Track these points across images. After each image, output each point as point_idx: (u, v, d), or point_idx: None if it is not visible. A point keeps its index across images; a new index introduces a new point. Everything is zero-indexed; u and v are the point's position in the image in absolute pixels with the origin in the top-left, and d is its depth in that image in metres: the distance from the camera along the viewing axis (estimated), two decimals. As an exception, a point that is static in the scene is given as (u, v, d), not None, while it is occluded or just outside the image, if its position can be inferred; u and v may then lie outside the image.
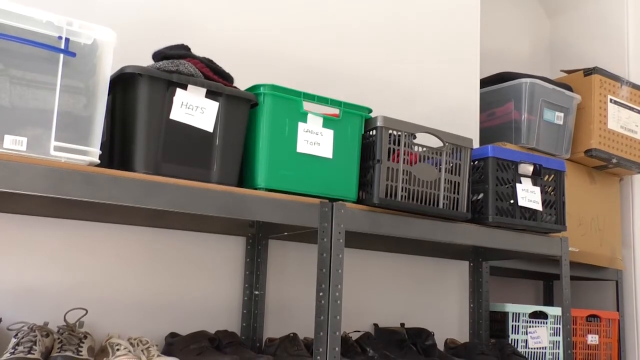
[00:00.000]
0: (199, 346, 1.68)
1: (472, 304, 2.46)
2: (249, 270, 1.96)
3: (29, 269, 1.65)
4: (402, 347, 2.00)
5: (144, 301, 1.81)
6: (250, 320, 1.94)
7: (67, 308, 1.65)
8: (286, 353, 1.75)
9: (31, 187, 1.25)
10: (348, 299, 2.15)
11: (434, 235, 1.81)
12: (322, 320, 1.56)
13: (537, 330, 2.49)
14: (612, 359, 2.74)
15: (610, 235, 2.80)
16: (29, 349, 1.37)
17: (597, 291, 3.04)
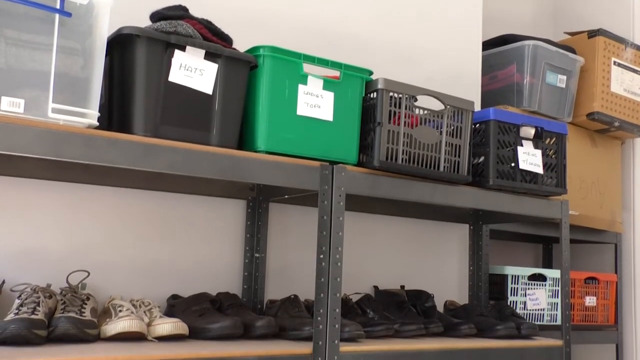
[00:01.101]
0: (200, 308, 1.70)
1: (471, 266, 2.48)
2: (250, 233, 1.97)
3: (29, 232, 1.66)
4: (402, 308, 2.02)
5: (145, 264, 1.82)
6: (251, 283, 1.95)
7: (69, 270, 1.66)
8: (287, 314, 1.77)
9: (29, 149, 1.25)
10: (348, 261, 2.17)
11: (434, 198, 1.81)
12: (322, 282, 1.57)
13: (536, 292, 2.51)
14: (609, 320, 2.77)
15: (610, 198, 2.80)
16: (32, 309, 1.39)
17: (595, 254, 3.06)
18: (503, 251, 2.97)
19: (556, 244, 3.16)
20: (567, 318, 2.04)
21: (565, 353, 2.00)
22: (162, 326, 1.54)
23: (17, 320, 1.32)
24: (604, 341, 2.77)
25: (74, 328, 1.39)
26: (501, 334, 1.98)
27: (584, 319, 2.69)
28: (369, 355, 1.63)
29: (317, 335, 1.56)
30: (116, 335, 1.47)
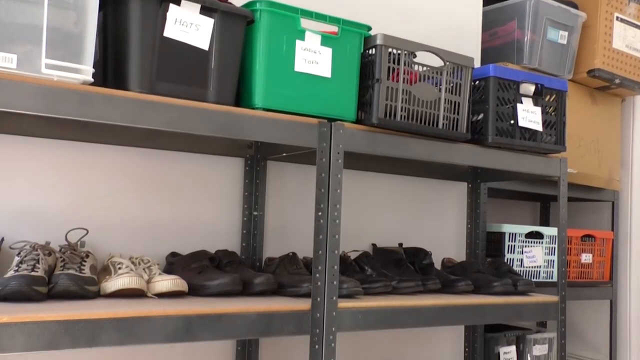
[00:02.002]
0: (199, 265, 1.71)
1: (469, 224, 2.49)
2: (248, 192, 1.97)
3: (27, 190, 1.65)
4: (399, 266, 2.04)
5: (144, 222, 1.82)
6: (250, 241, 1.96)
7: (67, 228, 1.66)
8: (286, 271, 1.79)
9: (24, 105, 1.23)
10: (347, 219, 2.17)
11: (433, 156, 1.81)
12: (320, 239, 1.58)
13: (533, 249, 2.53)
14: (604, 277, 2.80)
15: (608, 156, 2.80)
16: (32, 266, 1.39)
17: (592, 212, 3.07)
18: (501, 209, 2.98)
19: (554, 203, 3.17)
20: (563, 275, 2.06)
21: (561, 309, 2.03)
22: (162, 283, 1.55)
23: (17, 277, 1.32)
24: (598, 297, 2.81)
25: (74, 285, 1.40)
26: (498, 290, 2.00)
27: (579, 276, 2.72)
28: (367, 312, 1.65)
29: (315, 291, 1.57)
30: (116, 292, 1.48)
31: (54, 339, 1.22)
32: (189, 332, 1.38)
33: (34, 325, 1.20)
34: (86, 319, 1.26)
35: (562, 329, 2.03)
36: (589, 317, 3.03)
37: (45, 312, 1.23)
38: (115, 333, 1.29)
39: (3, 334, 1.17)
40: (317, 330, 1.55)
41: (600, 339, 2.95)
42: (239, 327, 1.44)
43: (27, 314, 1.20)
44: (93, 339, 1.26)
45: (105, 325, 1.28)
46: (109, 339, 1.28)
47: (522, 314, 1.96)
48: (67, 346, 1.23)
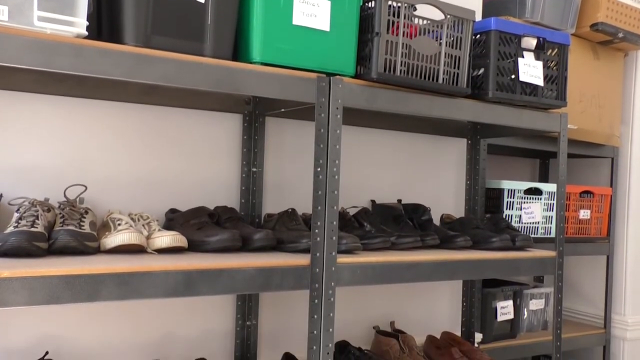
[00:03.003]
0: (199, 221, 1.71)
1: (468, 180, 2.49)
2: (247, 148, 1.96)
3: (24, 146, 1.64)
4: (398, 222, 2.04)
5: (142, 178, 1.82)
6: (249, 197, 1.96)
7: (65, 185, 1.65)
8: (285, 227, 1.79)
9: (17, 59, 1.21)
10: (346, 175, 2.17)
11: (433, 111, 1.79)
12: (319, 195, 1.58)
13: (532, 206, 2.54)
14: (602, 233, 2.82)
15: (609, 112, 2.78)
16: (31, 222, 1.39)
17: (592, 169, 3.07)
18: (500, 166, 2.98)
19: (553, 159, 3.16)
20: (561, 230, 2.07)
21: (558, 264, 2.04)
22: (161, 239, 1.55)
23: (17, 232, 1.32)
24: (595, 253, 2.83)
25: (74, 240, 1.40)
26: (496, 245, 2.01)
27: (577, 232, 2.73)
28: (366, 267, 1.66)
29: (314, 247, 1.57)
30: (116, 247, 1.49)
31: (55, 294, 1.23)
32: (189, 287, 1.39)
33: (35, 280, 1.21)
34: (87, 274, 1.27)
35: (559, 283, 2.05)
36: (586, 273, 3.07)
37: (46, 267, 1.24)
38: (116, 288, 1.29)
39: (5, 289, 1.18)
40: (317, 285, 1.57)
41: (596, 293, 2.99)
42: (239, 282, 1.45)
43: (28, 269, 1.21)
44: (94, 294, 1.27)
45: (105, 280, 1.28)
46: (109, 293, 1.29)
47: (519, 269, 1.98)
48: (68, 300, 1.24)
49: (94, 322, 1.75)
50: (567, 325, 2.88)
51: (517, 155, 3.06)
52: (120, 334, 1.79)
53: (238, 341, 1.96)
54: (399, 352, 2.08)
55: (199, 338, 1.92)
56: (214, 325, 1.95)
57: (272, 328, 2.05)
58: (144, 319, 1.83)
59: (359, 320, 2.26)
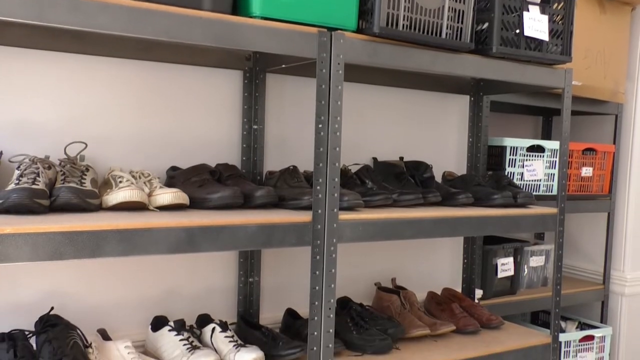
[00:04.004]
0: (200, 179, 1.71)
1: (470, 138, 2.48)
2: (247, 105, 1.94)
3: (22, 103, 1.63)
4: (400, 179, 2.04)
5: (142, 136, 1.81)
6: (250, 154, 1.95)
7: (65, 142, 1.64)
8: (286, 185, 1.79)
9: (11, 12, 1.18)
10: (347, 133, 2.16)
11: (435, 67, 1.77)
12: (321, 151, 1.57)
13: (534, 163, 2.53)
14: (604, 190, 2.82)
15: (615, 68, 2.74)
16: (32, 180, 1.39)
17: (595, 126, 3.05)
18: (502, 124, 2.96)
19: (556, 117, 3.14)
20: (563, 187, 2.07)
21: (559, 220, 2.05)
22: (163, 196, 1.55)
23: (19, 189, 1.32)
24: (596, 210, 2.83)
25: (75, 197, 1.40)
26: (498, 202, 2.01)
27: (579, 189, 2.73)
28: (367, 223, 1.66)
29: (316, 204, 1.58)
30: (117, 204, 1.49)
31: (58, 250, 1.23)
32: (191, 244, 1.39)
33: (38, 236, 1.21)
34: (89, 230, 1.27)
35: (559, 240, 2.06)
36: (586, 230, 3.08)
37: (48, 223, 1.24)
38: (118, 244, 1.30)
39: (8, 244, 1.18)
40: (318, 241, 1.57)
41: (596, 250, 3.01)
42: (241, 239, 1.46)
43: (31, 226, 1.21)
44: (97, 250, 1.28)
45: (108, 237, 1.29)
46: (112, 249, 1.29)
47: (521, 226, 1.98)
48: (72, 256, 1.25)
49: (98, 279, 1.77)
50: (567, 282, 2.90)
51: (520, 112, 3.03)
52: (124, 291, 1.81)
53: (241, 297, 1.99)
54: (400, 307, 2.10)
55: (202, 294, 1.94)
56: (216, 282, 1.96)
57: (275, 284, 2.07)
58: (148, 276, 1.84)
59: (361, 276, 2.28)
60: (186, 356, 1.61)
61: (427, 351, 1.89)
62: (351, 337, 1.86)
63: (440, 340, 2.01)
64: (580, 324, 2.91)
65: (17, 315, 1.64)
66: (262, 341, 1.76)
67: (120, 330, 1.77)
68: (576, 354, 2.72)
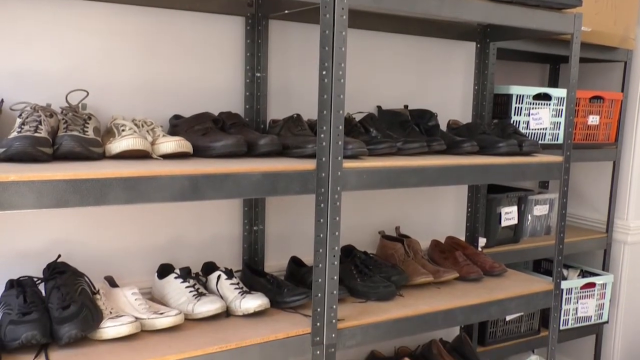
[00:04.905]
0: (203, 127, 1.69)
1: (476, 86, 2.44)
2: (250, 52, 1.91)
3: (24, 51, 1.61)
4: (405, 127, 2.02)
5: (144, 84, 1.79)
6: (253, 103, 1.93)
7: (66, 91, 1.62)
8: (290, 133, 1.78)
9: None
10: (351, 81, 2.12)
11: (442, 12, 1.72)
12: (325, 99, 1.55)
13: (540, 111, 2.50)
14: (610, 138, 2.79)
15: (625, 12, 2.67)
16: (35, 128, 1.38)
17: (603, 74, 3.00)
18: (509, 72, 2.91)
19: (564, 64, 3.09)
20: (569, 135, 2.05)
21: (565, 168, 2.03)
22: (166, 144, 1.54)
23: (21, 137, 1.31)
24: (602, 159, 2.82)
25: (78, 146, 1.39)
26: (503, 150, 1.99)
27: (585, 138, 2.71)
28: (371, 171, 1.65)
29: (320, 152, 1.56)
30: (121, 153, 1.48)
31: (63, 197, 1.23)
32: (196, 192, 1.39)
33: (43, 184, 1.21)
34: (93, 178, 1.27)
35: (564, 188, 2.05)
36: (591, 179, 3.07)
37: (52, 171, 1.24)
38: (123, 192, 1.30)
39: (12, 192, 1.18)
40: (322, 189, 1.57)
41: (600, 199, 3.01)
42: (245, 187, 1.46)
43: (35, 173, 1.21)
44: (101, 198, 1.28)
45: (112, 184, 1.29)
46: (116, 197, 1.29)
47: (526, 174, 1.97)
48: (76, 204, 1.25)
49: (104, 227, 1.78)
50: (570, 230, 2.91)
51: (527, 60, 2.98)
52: (130, 239, 1.82)
53: (245, 245, 2.00)
54: (404, 255, 2.12)
55: (208, 243, 1.95)
56: (221, 230, 1.98)
57: (279, 233, 2.09)
58: (154, 224, 1.86)
59: (365, 225, 2.29)
60: (192, 302, 1.63)
61: (430, 298, 1.91)
62: (355, 284, 1.89)
63: (444, 287, 2.03)
64: (582, 271, 2.94)
65: (25, 262, 1.66)
66: (267, 288, 1.79)
67: (126, 277, 1.80)
68: (577, 301, 2.75)
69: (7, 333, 1.34)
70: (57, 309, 1.41)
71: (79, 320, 1.38)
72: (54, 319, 1.39)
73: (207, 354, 1.45)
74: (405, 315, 1.78)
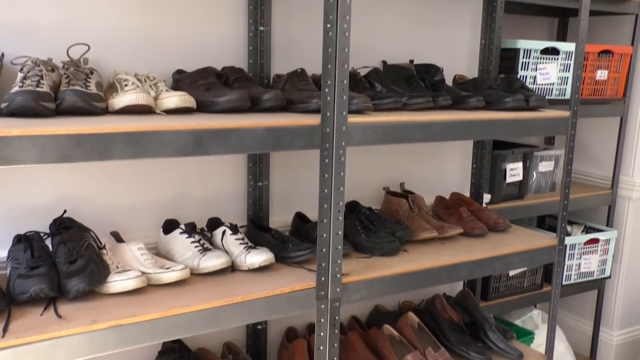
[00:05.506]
0: (206, 82, 1.68)
1: (483, 40, 2.40)
2: (253, 5, 1.87)
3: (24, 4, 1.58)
4: (410, 82, 2.00)
5: (147, 38, 1.76)
6: (257, 57, 1.91)
7: (67, 45, 1.60)
8: (294, 88, 1.76)
9: None
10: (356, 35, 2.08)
11: (450, -38, 1.68)
12: (329, 52, 1.52)
13: (547, 66, 2.47)
14: (618, 94, 2.76)
15: (638, -36, 2.61)
16: (36, 82, 1.37)
17: (612, 27, 2.94)
18: (516, 26, 2.86)
19: (573, 18, 3.03)
20: (577, 90, 2.02)
21: (571, 124, 2.01)
22: (170, 99, 1.53)
23: (23, 92, 1.30)
24: (609, 114, 2.79)
25: (81, 101, 1.38)
26: (509, 106, 1.97)
27: (592, 93, 2.67)
28: (376, 127, 1.64)
29: (325, 107, 1.55)
30: (124, 108, 1.47)
31: (67, 152, 1.23)
32: (199, 147, 1.39)
33: (46, 139, 1.20)
34: (97, 133, 1.26)
35: (570, 143, 2.03)
36: (596, 135, 3.05)
37: (55, 126, 1.23)
38: (127, 147, 1.29)
39: (16, 147, 1.17)
40: (327, 144, 1.56)
41: (606, 155, 2.99)
42: (249, 142, 1.45)
43: (38, 128, 1.20)
44: (105, 153, 1.27)
45: (116, 139, 1.28)
46: (120, 152, 1.29)
47: (532, 129, 1.96)
48: (80, 159, 1.24)
49: (109, 183, 1.78)
50: (574, 187, 2.91)
51: (535, 13, 2.92)
52: (135, 195, 1.82)
53: (250, 201, 2.00)
54: (409, 211, 2.12)
55: (212, 199, 1.96)
56: (226, 186, 1.98)
57: (284, 189, 2.09)
58: (158, 180, 1.86)
59: (369, 181, 2.29)
60: (198, 257, 1.64)
61: (434, 253, 1.92)
62: (360, 240, 1.89)
63: (448, 242, 2.04)
64: (585, 227, 2.95)
65: (31, 218, 1.66)
66: (272, 243, 1.80)
67: (131, 233, 1.81)
68: (580, 257, 2.77)
69: (16, 286, 1.36)
70: (64, 264, 1.42)
71: (86, 274, 1.39)
72: (62, 273, 1.41)
73: (213, 307, 1.47)
74: (410, 270, 1.79)
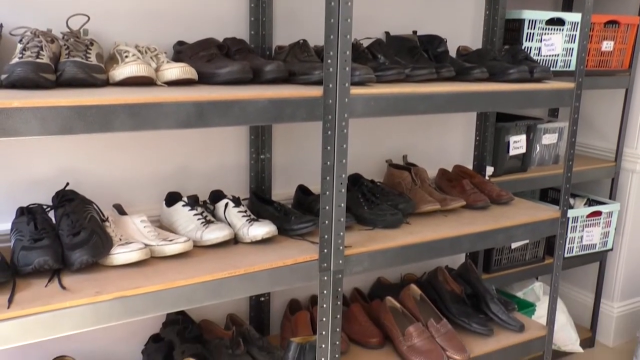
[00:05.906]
0: (208, 53, 1.66)
1: (487, 10, 2.37)
2: (254, -25, 1.85)
3: (20, -25, 1.56)
4: (413, 53, 1.97)
5: (147, 8, 1.74)
6: (258, 28, 1.89)
7: (66, 15, 1.57)
8: (296, 59, 1.74)
9: None
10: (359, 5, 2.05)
11: None
12: (332, 23, 1.50)
13: (552, 37, 2.43)
14: (624, 65, 2.73)
15: None
16: (36, 53, 1.36)
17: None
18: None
19: (579, -12, 2.98)
20: (582, 61, 2.00)
21: (576, 95, 2.00)
22: (171, 71, 1.52)
23: (23, 63, 1.29)
24: (614, 86, 2.76)
25: (81, 72, 1.37)
26: (513, 77, 1.95)
27: (597, 65, 2.64)
28: (379, 98, 1.63)
29: (327, 78, 1.53)
30: (124, 80, 1.46)
31: (68, 124, 1.22)
32: (201, 118, 1.38)
33: (47, 110, 1.20)
34: (98, 104, 1.25)
35: (574, 115, 2.02)
36: (600, 107, 3.02)
37: (56, 97, 1.22)
38: (128, 119, 1.29)
39: (16, 119, 1.17)
40: (330, 116, 1.55)
41: (610, 128, 2.97)
42: (251, 113, 1.44)
43: (39, 99, 1.19)
44: (106, 125, 1.26)
45: (117, 111, 1.27)
46: (121, 124, 1.28)
47: (536, 101, 1.94)
48: (82, 131, 1.24)
49: (111, 156, 1.77)
50: (578, 159, 2.88)
51: (540, -17, 2.88)
52: (137, 167, 1.82)
53: (252, 174, 2.00)
54: (411, 183, 2.12)
55: (214, 171, 1.96)
56: (228, 158, 1.97)
57: (286, 161, 2.08)
58: (161, 153, 1.85)
59: (372, 154, 2.28)
60: (201, 230, 1.65)
61: (437, 225, 1.92)
62: (362, 212, 1.89)
63: (451, 215, 2.04)
64: (588, 200, 2.94)
65: (34, 190, 1.67)
66: (275, 216, 1.80)
67: (134, 206, 1.81)
68: (582, 229, 2.77)
69: (20, 258, 1.36)
70: (68, 236, 1.42)
71: (89, 246, 1.40)
72: (65, 245, 1.41)
73: (216, 279, 1.47)
74: (412, 242, 1.79)
